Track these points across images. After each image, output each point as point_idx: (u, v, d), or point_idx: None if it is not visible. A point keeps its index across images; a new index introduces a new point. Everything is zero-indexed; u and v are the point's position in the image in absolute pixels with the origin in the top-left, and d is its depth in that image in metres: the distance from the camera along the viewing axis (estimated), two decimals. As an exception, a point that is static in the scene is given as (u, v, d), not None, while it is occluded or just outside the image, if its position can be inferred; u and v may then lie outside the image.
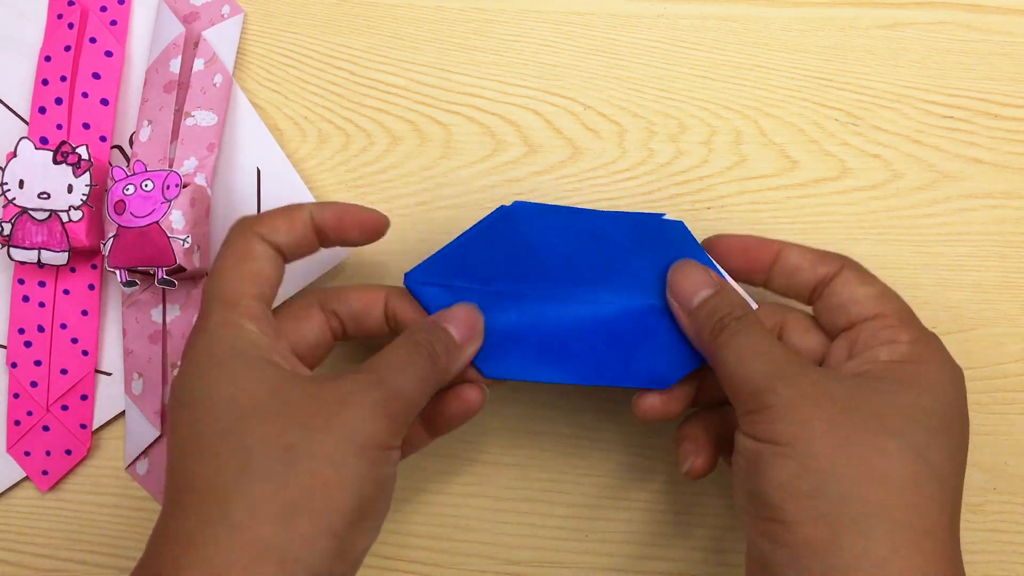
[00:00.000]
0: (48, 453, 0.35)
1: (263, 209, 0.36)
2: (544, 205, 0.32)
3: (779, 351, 0.27)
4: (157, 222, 0.32)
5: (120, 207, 0.33)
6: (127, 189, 0.33)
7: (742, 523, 0.28)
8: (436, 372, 0.28)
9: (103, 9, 0.37)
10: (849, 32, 0.38)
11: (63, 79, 0.35)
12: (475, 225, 0.32)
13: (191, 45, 0.36)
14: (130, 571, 0.25)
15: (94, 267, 0.36)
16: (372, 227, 0.30)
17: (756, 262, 0.31)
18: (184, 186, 0.33)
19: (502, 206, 0.32)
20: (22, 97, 0.37)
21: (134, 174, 0.33)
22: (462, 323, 0.29)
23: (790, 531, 0.25)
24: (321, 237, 0.30)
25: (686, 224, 0.33)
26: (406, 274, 0.31)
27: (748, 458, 0.26)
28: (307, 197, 0.36)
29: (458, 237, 0.32)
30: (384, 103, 0.37)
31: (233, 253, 0.29)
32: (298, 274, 0.35)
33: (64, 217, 0.33)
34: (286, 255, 0.29)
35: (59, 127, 0.36)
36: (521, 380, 0.31)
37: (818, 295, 0.31)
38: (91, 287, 0.36)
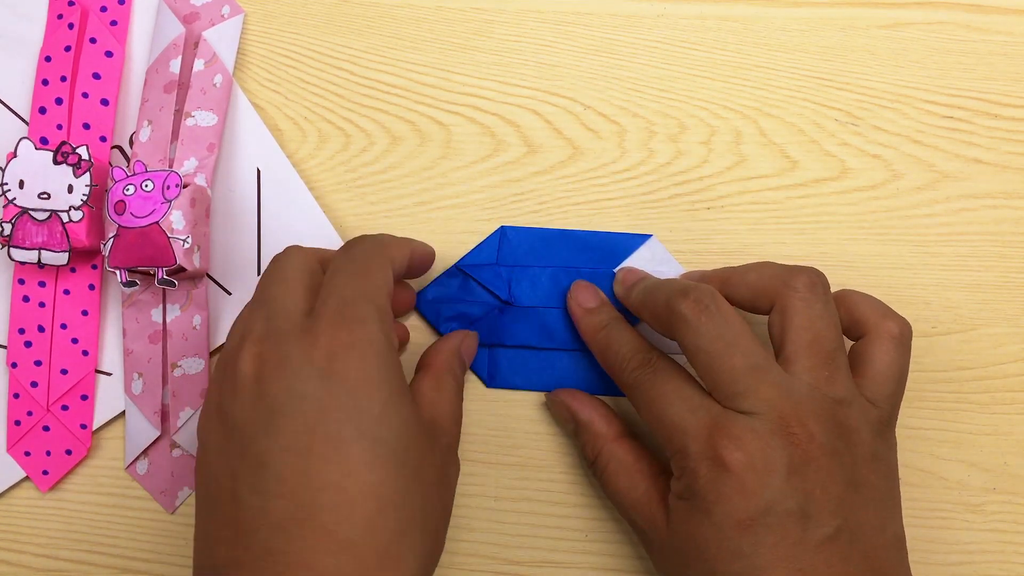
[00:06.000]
0: (48, 453, 0.35)
1: (263, 209, 0.36)
2: (530, 228, 0.36)
3: (630, 492, 0.31)
4: (157, 222, 0.32)
5: (120, 207, 0.33)
6: (127, 189, 0.33)
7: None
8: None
9: (103, 9, 0.37)
10: (849, 32, 0.38)
11: (63, 79, 0.35)
12: (474, 248, 0.35)
13: (191, 45, 0.36)
14: (129, 570, 0.25)
15: (94, 267, 0.36)
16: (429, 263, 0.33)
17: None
18: (184, 186, 0.33)
19: (497, 229, 0.36)
20: (22, 97, 0.37)
21: (134, 174, 0.33)
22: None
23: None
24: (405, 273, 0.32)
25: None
26: (418, 294, 0.35)
27: None
28: (307, 197, 0.36)
29: (458, 261, 0.36)
30: (384, 103, 0.37)
31: (380, 269, 0.28)
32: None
33: (64, 217, 0.33)
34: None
35: (59, 127, 0.36)
36: (523, 390, 0.36)
37: None
38: (91, 287, 0.36)
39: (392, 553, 0.25)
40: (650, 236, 0.36)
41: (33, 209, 0.33)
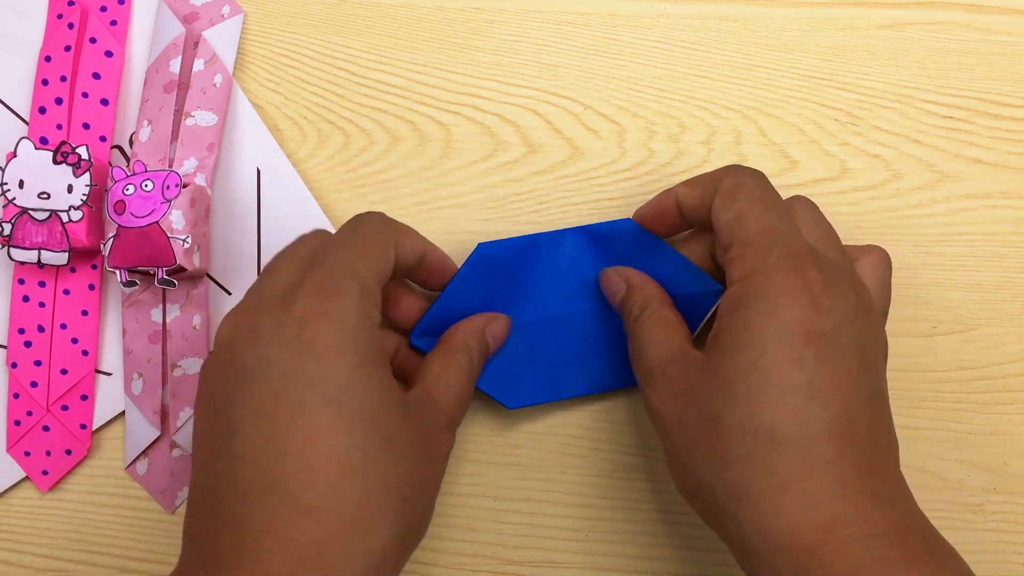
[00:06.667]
0: (48, 453, 0.35)
1: (263, 209, 0.36)
2: (508, 239, 0.33)
3: (666, 343, 0.30)
4: (157, 222, 0.32)
5: (120, 207, 0.33)
6: (127, 189, 0.33)
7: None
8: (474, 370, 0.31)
9: (103, 9, 0.37)
10: (849, 32, 0.38)
11: (63, 79, 0.35)
12: (456, 275, 0.33)
13: (191, 45, 0.36)
14: (129, 570, 0.25)
15: (94, 267, 0.36)
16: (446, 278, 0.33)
17: (669, 217, 0.32)
18: (184, 186, 0.33)
19: (475, 248, 0.33)
20: (22, 97, 0.37)
21: (134, 174, 0.33)
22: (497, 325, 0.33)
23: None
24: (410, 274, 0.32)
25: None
26: (411, 333, 0.33)
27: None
28: (307, 197, 0.36)
29: (445, 289, 0.33)
30: (384, 103, 0.37)
31: (377, 247, 0.28)
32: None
33: (64, 217, 0.33)
34: (395, 274, 0.30)
35: (59, 127, 0.36)
36: (543, 403, 0.34)
37: None
38: (91, 287, 0.36)
39: (359, 518, 0.25)
40: (629, 219, 0.34)
41: (33, 209, 0.33)
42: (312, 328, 0.25)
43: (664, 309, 0.31)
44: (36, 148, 0.33)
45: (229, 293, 0.36)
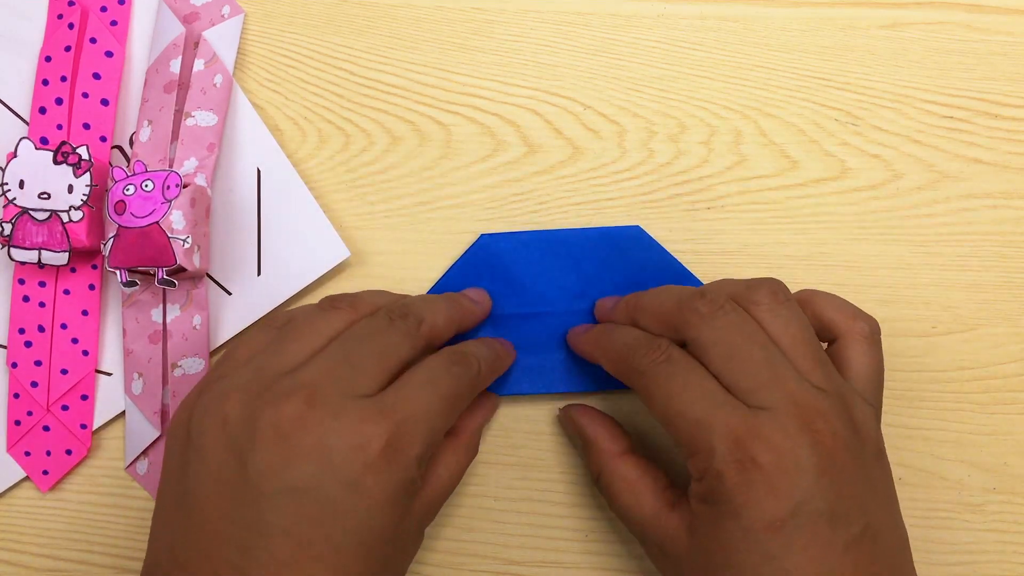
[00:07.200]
0: (48, 453, 0.35)
1: (263, 209, 0.36)
2: (511, 232, 0.35)
3: (636, 508, 0.30)
4: (157, 222, 0.32)
5: (120, 207, 0.33)
6: (127, 189, 0.33)
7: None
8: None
9: (103, 9, 0.37)
10: (849, 32, 0.38)
11: (63, 79, 0.36)
12: (455, 264, 0.35)
13: (191, 45, 0.36)
14: (129, 570, 0.25)
15: (94, 267, 0.36)
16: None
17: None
18: (184, 186, 0.33)
19: (478, 238, 0.35)
20: (22, 97, 0.37)
21: (134, 174, 0.33)
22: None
23: None
24: None
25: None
26: None
27: None
28: (307, 197, 0.36)
29: (443, 276, 0.35)
30: (384, 103, 0.37)
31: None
32: (299, 273, 0.35)
33: (64, 217, 0.33)
34: None
35: (59, 127, 0.36)
36: (530, 394, 0.35)
37: None
38: (91, 287, 0.36)
39: None
40: (637, 227, 0.35)
41: (33, 209, 0.33)
42: (374, 478, 0.26)
43: (621, 465, 0.31)
44: (36, 148, 0.33)
45: (229, 293, 0.36)
